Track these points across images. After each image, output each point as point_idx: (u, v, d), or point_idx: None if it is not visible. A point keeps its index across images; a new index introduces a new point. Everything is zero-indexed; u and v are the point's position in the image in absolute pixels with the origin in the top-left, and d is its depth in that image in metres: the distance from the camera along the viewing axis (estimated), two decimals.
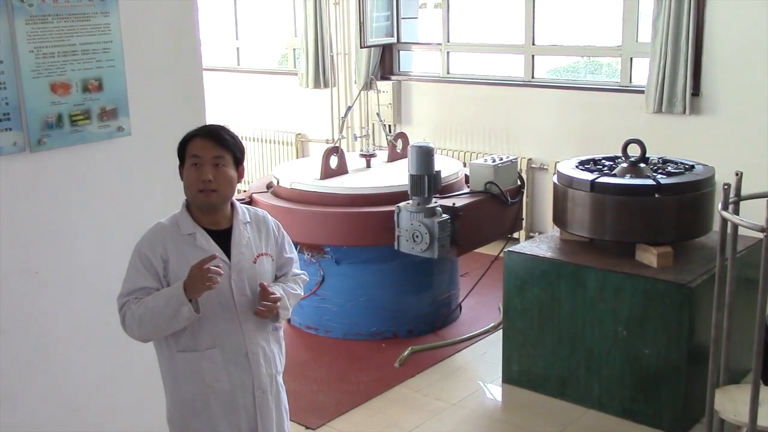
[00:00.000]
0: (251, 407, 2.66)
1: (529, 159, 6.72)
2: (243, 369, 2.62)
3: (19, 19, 2.84)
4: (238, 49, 8.90)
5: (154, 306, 2.47)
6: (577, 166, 4.56)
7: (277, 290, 2.65)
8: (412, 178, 4.68)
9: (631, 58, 6.32)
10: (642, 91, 6.07)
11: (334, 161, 5.32)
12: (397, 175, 5.27)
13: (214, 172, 2.52)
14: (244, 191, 5.88)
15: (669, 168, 4.47)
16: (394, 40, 7.55)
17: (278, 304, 2.61)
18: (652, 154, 4.60)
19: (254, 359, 2.64)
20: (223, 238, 2.61)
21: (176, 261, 2.54)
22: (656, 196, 4.16)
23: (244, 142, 2.75)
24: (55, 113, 2.98)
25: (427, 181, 4.66)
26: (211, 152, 2.53)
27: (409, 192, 4.73)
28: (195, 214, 2.61)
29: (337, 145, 5.53)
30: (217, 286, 2.46)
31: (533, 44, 6.80)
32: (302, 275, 2.84)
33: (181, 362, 2.60)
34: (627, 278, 4.04)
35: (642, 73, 6.17)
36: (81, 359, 3.23)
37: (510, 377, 4.54)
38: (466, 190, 5.17)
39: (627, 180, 4.27)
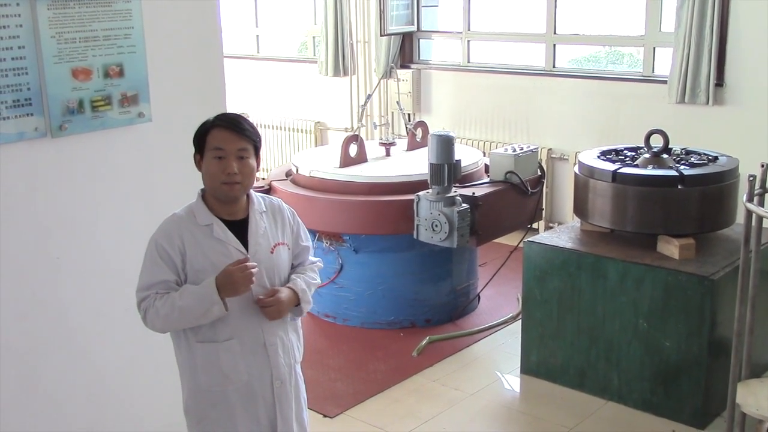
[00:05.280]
0: (270, 397, 2.65)
1: (550, 149, 6.68)
2: (261, 359, 2.61)
3: (41, 5, 2.84)
4: (257, 36, 8.89)
5: (183, 305, 2.46)
6: (598, 157, 4.52)
7: (298, 284, 2.64)
8: (432, 167, 4.66)
9: (654, 48, 6.26)
10: (665, 82, 6.01)
11: (353, 149, 5.31)
12: (416, 164, 5.25)
13: (239, 165, 2.50)
14: (263, 179, 5.88)
15: (692, 159, 4.43)
16: (414, 28, 7.52)
17: (281, 299, 2.58)
18: (675, 145, 4.55)
19: (272, 349, 2.63)
20: (240, 228, 2.59)
21: (194, 252, 2.52)
22: (679, 187, 4.12)
23: (263, 130, 2.76)
24: (77, 99, 2.98)
25: (446, 170, 4.63)
26: (235, 144, 2.51)
27: (428, 181, 4.71)
28: (211, 205, 2.57)
29: (356, 133, 5.51)
30: None
31: (555, 33, 6.75)
32: (318, 262, 2.83)
33: (199, 353, 2.58)
34: (648, 270, 4.01)
35: (665, 63, 6.10)
36: (100, 345, 3.25)
37: (528, 368, 4.52)
38: (486, 179, 5.14)
39: (649, 171, 4.23)
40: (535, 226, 5.93)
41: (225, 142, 2.50)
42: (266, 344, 2.61)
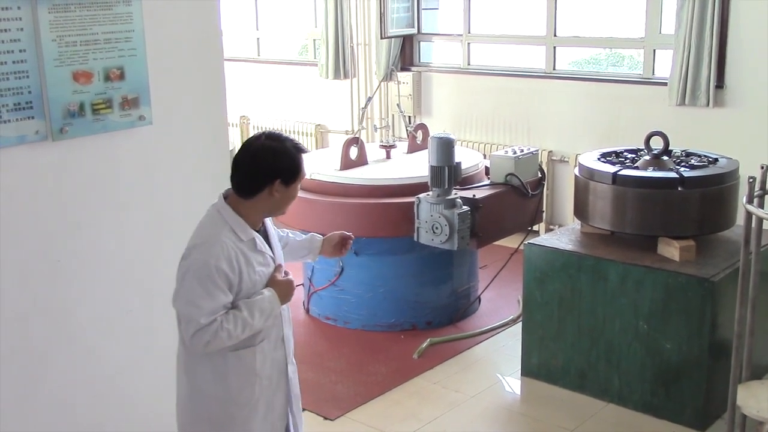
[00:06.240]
0: (285, 386, 2.79)
1: (550, 151, 6.69)
2: (280, 352, 2.76)
3: (42, 8, 2.85)
4: (258, 39, 8.90)
5: (254, 324, 2.55)
6: (599, 159, 4.53)
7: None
8: (433, 169, 4.67)
9: (654, 50, 6.26)
10: (665, 84, 6.01)
11: (354, 152, 5.31)
12: (417, 167, 5.25)
13: None
14: None
15: (692, 161, 4.43)
16: (414, 30, 7.52)
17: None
18: (676, 147, 4.55)
19: (287, 340, 2.79)
20: (262, 236, 2.69)
21: (247, 269, 2.58)
22: (679, 189, 4.13)
23: None
24: (77, 102, 2.99)
25: (447, 172, 4.64)
26: None
27: (429, 183, 4.71)
28: (245, 218, 2.61)
29: (357, 135, 5.51)
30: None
31: (555, 35, 6.76)
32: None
33: (233, 360, 2.63)
34: (648, 272, 4.01)
35: (665, 65, 6.11)
36: (102, 347, 3.25)
37: (529, 370, 4.52)
38: (487, 181, 5.14)
39: (649, 173, 4.23)
40: (535, 228, 5.93)
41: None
42: (283, 337, 2.76)
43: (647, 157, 4.36)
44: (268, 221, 2.76)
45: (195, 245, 2.56)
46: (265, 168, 2.55)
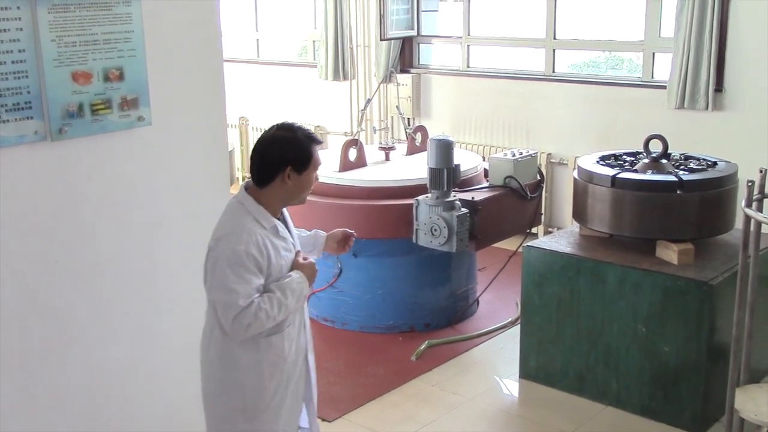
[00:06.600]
0: (305, 370, 2.90)
1: (549, 154, 6.69)
2: (302, 337, 2.88)
3: (42, 8, 2.84)
4: (257, 40, 8.90)
5: (288, 304, 2.68)
6: (597, 162, 4.53)
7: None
8: (431, 171, 4.67)
9: (654, 53, 6.27)
10: (664, 87, 6.02)
11: (353, 154, 5.31)
12: (416, 169, 5.25)
13: None
14: None
15: (691, 164, 4.43)
16: (414, 32, 7.53)
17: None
18: (674, 150, 4.55)
19: (307, 325, 2.92)
20: (282, 223, 2.83)
21: (274, 254, 2.70)
22: (678, 192, 4.13)
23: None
24: (77, 102, 2.98)
25: (446, 174, 4.64)
26: None
27: (428, 185, 4.72)
28: (267, 208, 2.72)
29: (356, 137, 5.51)
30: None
31: (554, 38, 6.76)
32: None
33: (264, 346, 2.74)
34: (647, 275, 4.01)
35: (664, 68, 6.11)
36: (99, 348, 3.24)
37: (527, 372, 4.52)
38: (486, 184, 5.15)
39: (648, 176, 4.24)
40: (534, 230, 5.93)
41: (320, 160, 2.80)
42: (304, 323, 2.90)
43: (646, 160, 4.36)
44: (286, 212, 2.86)
45: (221, 236, 2.66)
46: (275, 156, 2.69)
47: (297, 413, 2.92)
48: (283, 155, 2.68)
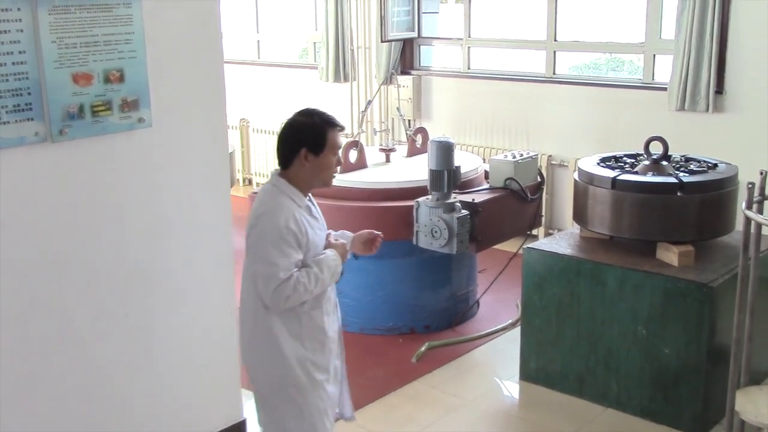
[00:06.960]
0: (338, 347, 3.11)
1: (549, 156, 6.69)
2: (335, 315, 3.09)
3: (43, 10, 2.85)
4: (258, 42, 8.91)
5: (324, 278, 2.87)
6: (598, 163, 4.53)
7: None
8: (432, 173, 4.67)
9: (654, 55, 6.27)
10: (665, 89, 6.02)
11: (353, 155, 5.31)
12: (416, 170, 5.25)
13: None
14: (264, 183, 5.87)
15: (692, 166, 4.43)
16: (414, 34, 7.53)
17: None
18: (675, 152, 4.55)
19: (339, 305, 3.13)
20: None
21: (310, 230, 2.89)
22: (678, 194, 4.13)
23: (263, 136, 2.96)
24: (77, 104, 2.99)
25: (446, 176, 4.64)
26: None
27: (428, 187, 4.71)
28: (300, 189, 2.91)
29: (356, 139, 5.52)
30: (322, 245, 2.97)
31: (555, 40, 6.76)
32: None
33: (306, 320, 2.91)
34: (647, 277, 4.01)
35: (665, 70, 6.12)
36: (99, 349, 3.25)
37: (527, 374, 4.52)
38: (486, 186, 5.14)
39: (649, 178, 4.23)
40: (534, 232, 5.93)
41: (340, 143, 2.98)
42: (336, 302, 3.10)
43: (646, 162, 4.36)
44: (312, 199, 3.01)
45: (262, 214, 2.84)
46: (291, 139, 2.89)
47: (336, 396, 3.08)
48: (298, 137, 2.87)
